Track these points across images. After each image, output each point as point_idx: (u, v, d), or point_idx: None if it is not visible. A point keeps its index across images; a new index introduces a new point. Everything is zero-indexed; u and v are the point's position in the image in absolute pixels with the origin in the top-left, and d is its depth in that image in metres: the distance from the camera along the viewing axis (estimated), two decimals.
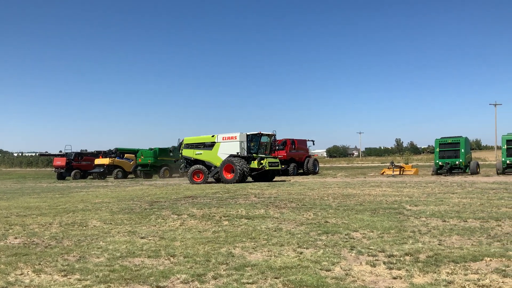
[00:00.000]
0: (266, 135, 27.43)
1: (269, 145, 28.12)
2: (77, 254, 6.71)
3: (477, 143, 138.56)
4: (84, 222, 10.07)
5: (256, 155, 26.24)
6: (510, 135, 27.83)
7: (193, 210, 11.72)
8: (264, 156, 26.37)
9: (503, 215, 9.47)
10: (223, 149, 26.80)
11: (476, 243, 6.76)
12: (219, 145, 27.08)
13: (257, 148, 26.80)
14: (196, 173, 26.96)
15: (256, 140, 26.85)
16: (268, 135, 27.75)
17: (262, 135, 26.86)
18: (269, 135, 27.85)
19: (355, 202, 12.67)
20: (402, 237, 7.38)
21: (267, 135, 27.62)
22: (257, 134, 26.68)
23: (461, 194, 14.41)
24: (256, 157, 26.03)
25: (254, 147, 26.76)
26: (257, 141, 26.86)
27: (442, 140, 29.47)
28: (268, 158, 26.35)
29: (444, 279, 4.92)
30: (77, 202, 15.21)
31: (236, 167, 25.10)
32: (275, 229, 8.46)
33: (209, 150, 27.48)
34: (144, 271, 5.58)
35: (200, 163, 27.33)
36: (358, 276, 5.17)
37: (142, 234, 8.31)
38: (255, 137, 26.81)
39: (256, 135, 26.74)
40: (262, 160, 25.89)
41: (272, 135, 27.97)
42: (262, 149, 27.41)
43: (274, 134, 28.01)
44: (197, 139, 28.70)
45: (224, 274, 5.38)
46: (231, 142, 26.84)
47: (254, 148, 26.73)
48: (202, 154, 27.71)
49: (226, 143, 26.96)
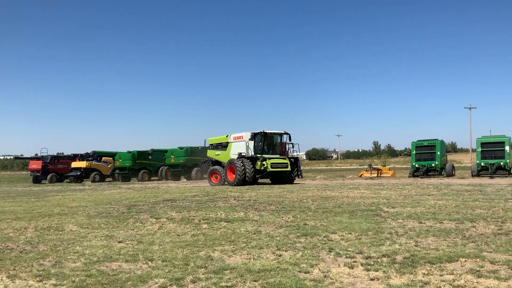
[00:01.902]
0: (275, 134, 25.76)
1: (279, 145, 26.17)
2: (53, 259, 6.59)
3: (453, 146, 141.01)
4: (60, 227, 9.90)
5: (260, 156, 24.71)
6: (484, 138, 28.47)
7: (171, 214, 11.64)
8: (268, 157, 24.70)
9: (478, 217, 9.67)
10: (234, 149, 25.74)
11: (451, 244, 6.89)
12: (231, 145, 26.11)
13: (262, 148, 25.13)
14: (214, 174, 26.10)
15: (262, 140, 25.23)
16: (279, 134, 25.94)
17: (266, 134, 25.23)
18: (279, 134, 26.00)
19: (333, 204, 12.76)
20: (379, 238, 7.47)
21: (278, 134, 25.88)
22: (260, 133, 25.09)
23: (437, 196, 14.65)
24: (260, 157, 24.56)
25: (261, 147, 25.20)
26: (263, 141, 25.21)
27: (419, 143, 29.94)
28: (272, 159, 24.64)
29: (421, 280, 4.99)
30: (53, 206, 14.94)
31: (236, 168, 23.85)
32: (254, 232, 8.46)
33: (224, 151, 26.56)
34: (122, 276, 5.52)
35: (219, 164, 26.35)
36: (336, 278, 5.21)
37: (120, 238, 8.22)
38: (260, 136, 25.18)
39: (260, 134, 25.13)
40: (265, 161, 24.32)
41: (282, 134, 25.95)
42: (271, 150, 25.74)
43: (284, 133, 25.88)
44: (216, 140, 27.77)
45: (203, 277, 5.36)
46: (239, 142, 25.70)
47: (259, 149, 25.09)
48: (220, 155, 26.81)
49: (236, 143, 25.92)
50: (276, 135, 25.87)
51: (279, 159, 24.99)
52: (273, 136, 25.82)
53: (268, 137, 25.57)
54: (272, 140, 26.01)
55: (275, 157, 24.99)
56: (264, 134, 25.14)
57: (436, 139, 29.61)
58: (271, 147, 25.84)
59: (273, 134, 25.69)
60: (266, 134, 25.21)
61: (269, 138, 25.72)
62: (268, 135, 25.50)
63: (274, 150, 25.83)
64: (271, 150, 25.65)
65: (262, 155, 24.81)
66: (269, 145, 25.78)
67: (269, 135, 25.52)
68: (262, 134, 25.09)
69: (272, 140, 26.01)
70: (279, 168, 24.59)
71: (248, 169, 23.88)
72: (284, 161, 25.01)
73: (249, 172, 23.89)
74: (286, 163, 24.93)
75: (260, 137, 25.15)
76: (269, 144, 25.81)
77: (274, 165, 24.37)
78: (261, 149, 25.06)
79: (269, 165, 24.13)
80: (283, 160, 25.04)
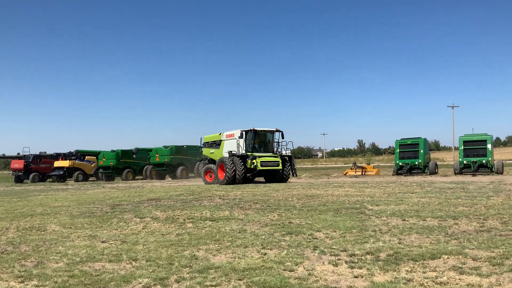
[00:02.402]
0: (266, 131, 25.05)
1: (271, 143, 25.41)
2: (35, 260, 6.50)
3: (436, 144, 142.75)
4: (42, 227, 9.76)
5: (250, 154, 24.09)
6: (466, 136, 28.84)
7: (156, 213, 11.56)
8: (258, 155, 24.03)
9: (460, 214, 9.80)
10: (226, 147, 25.15)
11: (434, 241, 6.96)
12: (224, 143, 25.58)
13: (252, 146, 24.54)
14: (209, 173, 25.56)
15: (253, 138, 24.58)
16: (270, 132, 25.17)
17: (256, 131, 24.58)
18: (271, 132, 25.19)
19: (318, 203, 12.81)
20: (363, 236, 7.52)
21: (269, 132, 25.13)
22: (250, 131, 24.41)
23: (420, 193, 14.81)
24: (250, 156, 23.95)
25: (252, 145, 24.58)
26: (253, 139, 24.58)
27: (402, 141, 30.23)
28: (263, 157, 23.97)
29: (404, 277, 5.03)
30: (35, 206, 14.73)
31: (226, 167, 23.33)
32: (240, 231, 8.45)
33: (217, 149, 26.05)
34: (105, 276, 5.46)
35: (214, 162, 25.66)
36: (320, 276, 5.23)
37: (103, 238, 8.13)
38: (250, 134, 24.53)
39: (250, 132, 24.44)
40: (254, 159, 23.67)
41: (274, 131, 25.16)
42: (262, 148, 25.09)
43: (275, 130, 25.05)
44: (211, 138, 27.26)
45: (187, 277, 5.33)
46: (231, 140, 25.04)
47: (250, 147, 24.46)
48: (214, 153, 26.31)
49: (228, 141, 25.29)
50: (267, 133, 25.26)
51: (270, 157, 24.37)
52: (265, 134, 25.22)
53: (259, 135, 25.01)
54: (264, 138, 25.41)
55: (265, 155, 24.41)
56: (254, 131, 24.59)
57: (420, 137, 29.93)
58: (263, 145, 25.24)
59: (264, 132, 25.07)
60: (256, 131, 24.66)
61: (261, 136, 25.14)
62: (259, 133, 24.93)
63: (266, 148, 25.26)
64: (262, 148, 25.08)
65: (253, 153, 24.26)
66: (261, 143, 25.18)
67: (260, 132, 24.93)
68: (252, 132, 24.53)
69: (264, 138, 25.41)
70: (270, 167, 23.95)
71: (238, 167, 23.35)
72: (275, 159, 24.37)
73: (239, 171, 23.36)
74: (277, 161, 24.28)
75: (251, 135, 24.58)
76: (261, 142, 25.21)
77: (264, 164, 23.77)
78: (252, 147, 24.52)
79: (259, 163, 23.55)
80: (274, 158, 24.41)
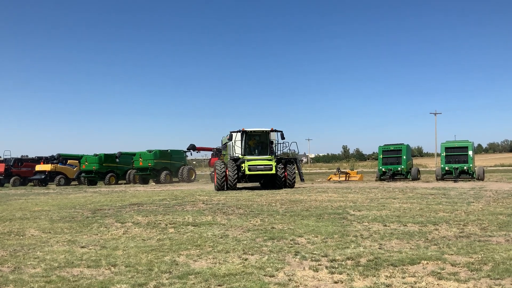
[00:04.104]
0: (260, 132, 22.78)
1: (267, 145, 22.95)
2: (12, 265, 6.39)
3: (419, 150, 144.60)
4: (21, 231, 9.61)
5: (242, 157, 22.02)
6: (448, 143, 29.17)
7: (138, 218, 11.46)
8: (248, 158, 21.91)
9: (441, 220, 9.90)
10: (229, 150, 23.75)
11: (414, 247, 7.02)
12: (228, 145, 24.19)
13: (245, 148, 22.46)
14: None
15: (244, 139, 22.55)
16: (264, 132, 22.78)
17: (246, 132, 22.46)
18: (265, 132, 22.77)
19: (301, 208, 12.84)
20: (344, 241, 7.55)
21: (263, 132, 22.77)
22: (239, 132, 22.40)
23: (402, 199, 14.94)
24: (241, 159, 21.91)
25: (244, 147, 22.52)
26: (245, 140, 22.57)
27: (385, 147, 30.48)
28: (252, 161, 21.67)
29: (383, 283, 5.06)
30: (15, 210, 14.50)
31: (216, 171, 21.54)
32: (222, 236, 8.42)
33: (226, 151, 24.92)
34: (83, 282, 5.38)
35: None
36: (300, 281, 5.23)
37: (83, 243, 8.03)
38: (242, 135, 22.53)
39: (239, 133, 22.46)
40: (243, 163, 21.57)
41: (268, 131, 22.77)
42: (257, 150, 22.78)
43: (270, 130, 22.71)
44: (224, 139, 26.04)
45: (167, 283, 5.28)
46: (229, 142, 23.39)
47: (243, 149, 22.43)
48: (225, 156, 24.90)
49: (229, 143, 23.72)
50: (263, 134, 22.94)
51: (262, 160, 21.93)
52: (260, 135, 23.02)
53: (252, 136, 22.93)
54: (261, 139, 23.19)
55: (257, 158, 22.10)
56: (244, 132, 22.54)
57: (402, 143, 30.21)
58: (258, 147, 22.96)
59: (255, 133, 22.84)
60: (246, 132, 22.60)
61: (256, 137, 23.06)
62: (250, 134, 22.84)
63: (264, 150, 22.91)
64: (256, 150, 22.82)
65: (245, 156, 22.20)
66: (257, 145, 22.98)
67: (251, 133, 22.82)
68: (242, 133, 22.55)
69: (261, 139, 23.19)
70: (259, 171, 21.50)
71: (230, 172, 21.39)
72: (267, 162, 21.69)
73: (232, 176, 21.39)
74: (270, 165, 21.54)
75: (244, 137, 22.61)
76: (257, 143, 23.03)
77: (253, 168, 21.48)
78: (245, 150, 22.46)
79: (247, 168, 21.43)
80: (265, 161, 21.79)
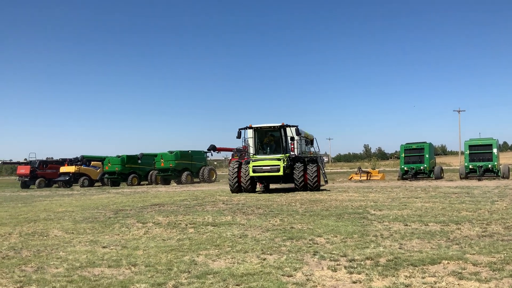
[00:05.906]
0: (270, 128, 20.45)
1: (281, 142, 20.51)
2: (35, 265, 6.53)
3: (443, 149, 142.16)
4: (45, 232, 9.81)
5: (253, 156, 20.26)
6: (472, 141, 28.68)
7: (158, 218, 11.58)
8: (257, 158, 20.06)
9: (463, 219, 9.73)
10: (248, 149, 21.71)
11: (435, 247, 6.92)
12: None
13: (256, 146, 20.68)
14: None
15: (255, 136, 20.68)
16: (275, 128, 20.39)
17: (254, 128, 20.42)
18: (276, 128, 20.37)
19: (321, 208, 12.78)
20: (364, 241, 7.48)
21: (275, 128, 20.39)
22: (246, 128, 20.36)
23: (424, 198, 14.73)
24: (252, 158, 20.17)
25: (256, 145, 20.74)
26: (255, 138, 20.70)
27: (407, 145, 30.11)
28: (258, 161, 19.73)
29: (402, 283, 5.00)
30: (39, 211, 14.81)
31: (228, 173, 20.62)
32: (241, 236, 8.44)
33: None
34: (103, 281, 5.47)
35: None
36: (318, 281, 5.21)
37: (104, 243, 8.15)
38: (252, 132, 20.60)
39: (248, 129, 20.49)
40: (248, 163, 19.97)
41: (279, 127, 20.29)
42: (269, 148, 20.70)
43: (281, 125, 20.23)
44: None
45: (185, 282, 5.33)
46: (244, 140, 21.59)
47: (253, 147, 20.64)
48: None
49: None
50: (275, 130, 20.54)
51: (269, 160, 19.76)
52: (273, 131, 20.67)
53: (263, 133, 20.84)
54: (274, 136, 20.87)
55: (265, 158, 20.02)
56: (254, 129, 20.51)
57: (425, 142, 29.81)
58: (271, 145, 20.84)
59: (266, 129, 20.61)
60: (254, 129, 20.50)
61: (266, 134, 20.90)
62: (260, 130, 20.68)
63: (278, 148, 20.58)
64: (269, 149, 20.72)
65: (255, 155, 20.40)
66: (270, 143, 20.86)
67: (261, 129, 20.62)
68: (250, 129, 20.55)
69: (274, 136, 20.87)
70: (264, 173, 19.52)
71: (243, 173, 19.92)
72: (274, 162, 19.48)
73: (244, 178, 19.88)
74: (276, 165, 19.35)
75: (255, 134, 20.67)
76: (270, 141, 20.87)
77: (258, 169, 19.57)
78: (257, 148, 20.66)
79: (251, 169, 19.62)
80: (271, 161, 19.59)
